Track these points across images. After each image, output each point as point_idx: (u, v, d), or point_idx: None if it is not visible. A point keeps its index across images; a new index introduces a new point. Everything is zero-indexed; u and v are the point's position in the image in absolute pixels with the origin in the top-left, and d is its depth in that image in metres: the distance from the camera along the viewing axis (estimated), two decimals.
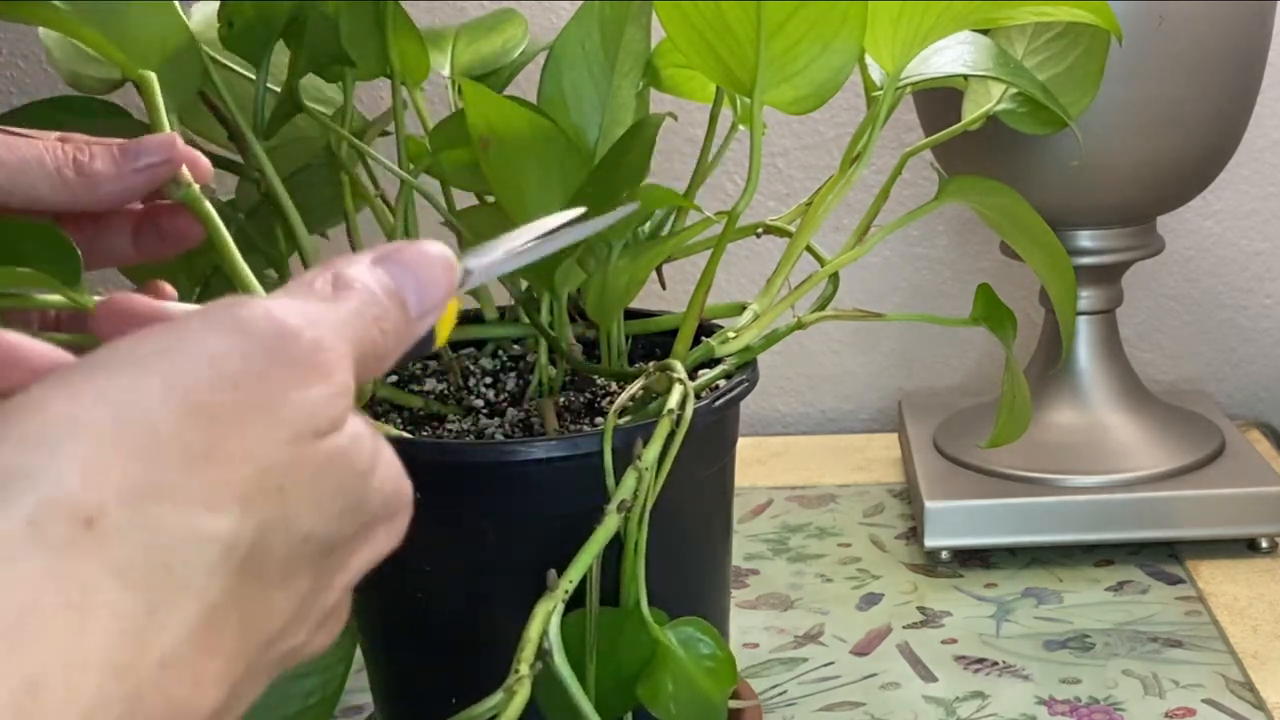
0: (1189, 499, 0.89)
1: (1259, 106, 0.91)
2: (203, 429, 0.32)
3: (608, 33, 0.68)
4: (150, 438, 0.31)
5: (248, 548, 0.33)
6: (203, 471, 0.32)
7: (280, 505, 0.34)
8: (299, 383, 0.34)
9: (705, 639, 0.60)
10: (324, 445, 0.35)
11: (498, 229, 0.70)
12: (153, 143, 0.51)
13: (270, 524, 0.33)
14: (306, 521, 0.35)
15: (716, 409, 0.64)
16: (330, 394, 0.35)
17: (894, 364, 1.17)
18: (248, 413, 0.33)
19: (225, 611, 0.32)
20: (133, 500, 0.31)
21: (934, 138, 0.76)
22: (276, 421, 0.34)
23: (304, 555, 0.35)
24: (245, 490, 0.33)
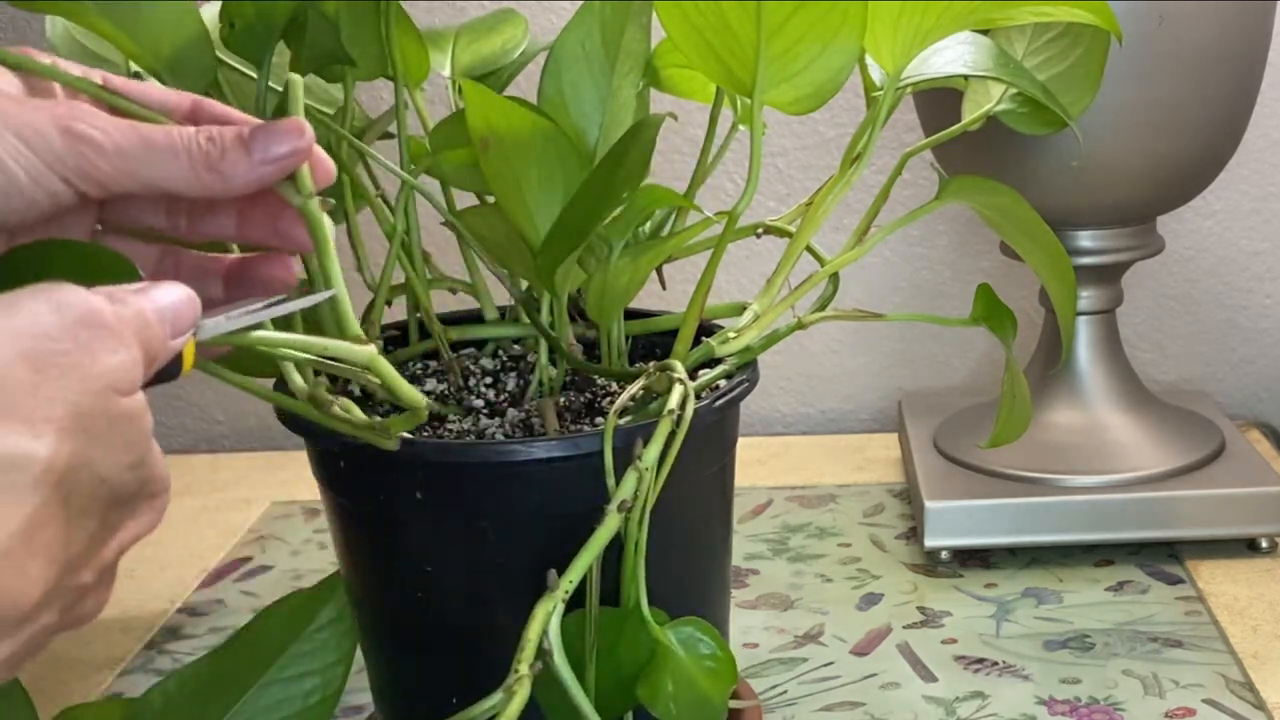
0: (1189, 499, 0.89)
1: (1259, 106, 0.91)
2: (27, 371, 0.40)
3: (608, 33, 0.68)
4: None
5: (61, 472, 0.40)
6: (27, 403, 0.40)
7: (86, 445, 0.41)
8: (105, 348, 0.42)
9: (705, 639, 0.60)
10: (123, 402, 0.42)
11: (498, 229, 0.71)
12: (281, 130, 0.50)
13: (78, 459, 0.41)
14: (105, 465, 0.42)
15: (716, 409, 0.64)
16: (129, 360, 0.43)
17: (894, 364, 1.17)
18: (64, 364, 0.41)
19: (45, 520, 0.40)
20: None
21: (934, 138, 0.76)
22: (87, 375, 0.41)
23: (98, 497, 0.42)
24: (61, 425, 0.40)
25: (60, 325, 0.41)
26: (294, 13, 0.67)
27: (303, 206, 0.52)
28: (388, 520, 0.64)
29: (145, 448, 0.43)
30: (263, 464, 1.15)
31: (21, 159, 0.47)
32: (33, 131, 0.47)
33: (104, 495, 0.43)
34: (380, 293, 0.72)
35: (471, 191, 0.74)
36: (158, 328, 0.45)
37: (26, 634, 0.42)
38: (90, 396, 0.41)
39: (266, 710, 0.64)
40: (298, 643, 0.66)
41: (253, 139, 0.50)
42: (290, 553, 0.99)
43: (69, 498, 0.41)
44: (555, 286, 0.66)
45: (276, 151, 0.50)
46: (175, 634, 0.89)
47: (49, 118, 0.48)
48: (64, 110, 0.48)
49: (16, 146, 0.47)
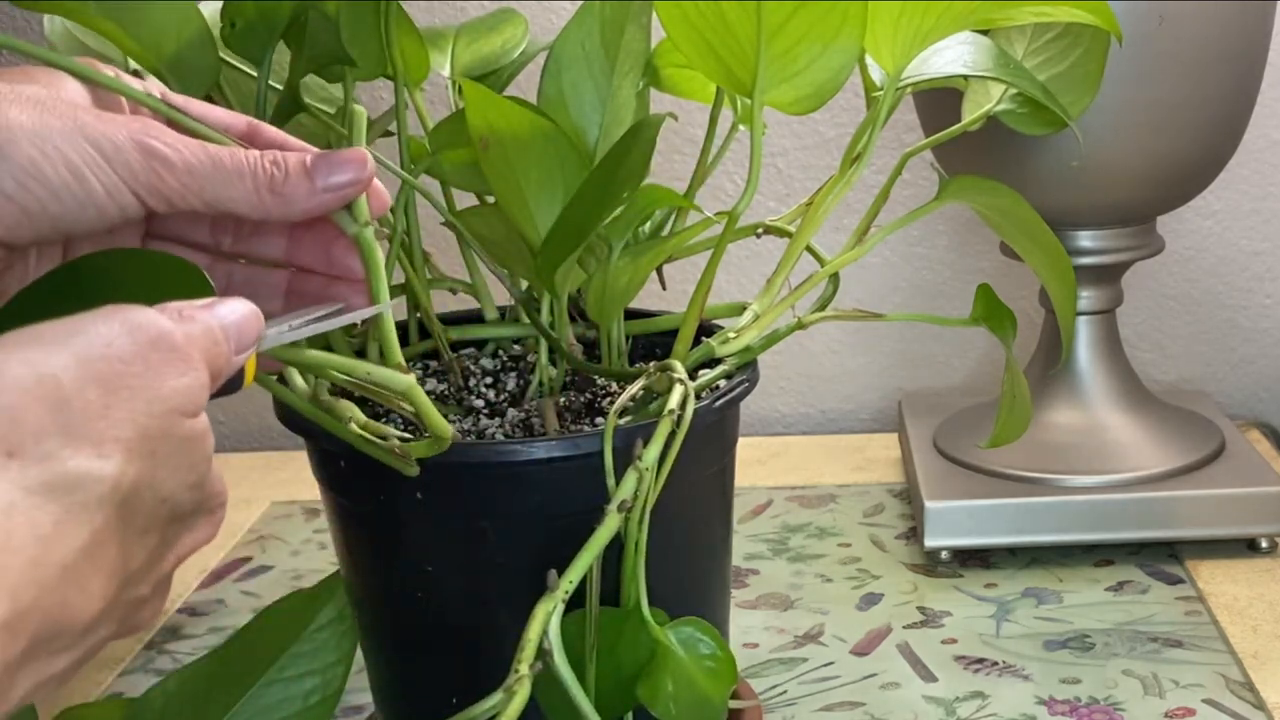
0: (1189, 499, 0.89)
1: (1259, 106, 0.91)
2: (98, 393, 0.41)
3: (608, 33, 0.68)
4: (59, 395, 0.40)
5: (125, 492, 0.41)
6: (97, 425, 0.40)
7: (152, 466, 0.42)
8: (174, 371, 0.43)
9: (705, 639, 0.60)
10: (188, 424, 0.43)
11: (498, 229, 0.71)
12: (344, 159, 0.51)
13: (143, 479, 0.42)
14: (168, 485, 0.43)
15: (717, 409, 0.64)
16: (196, 384, 0.43)
17: (894, 364, 1.17)
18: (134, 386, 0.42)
19: (107, 539, 0.41)
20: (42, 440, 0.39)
21: (934, 138, 0.76)
22: (155, 398, 0.42)
23: (159, 515, 0.43)
24: (128, 446, 0.41)
25: (132, 348, 0.42)
26: (295, 12, 0.67)
27: (358, 235, 0.53)
28: (388, 520, 0.64)
29: (206, 468, 0.44)
30: (263, 464, 1.15)
31: (100, 171, 0.48)
32: (110, 144, 0.48)
33: (165, 514, 0.43)
34: None
35: (471, 191, 0.74)
36: (223, 345, 0.46)
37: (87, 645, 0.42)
38: (157, 419, 0.42)
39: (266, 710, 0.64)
40: (298, 643, 0.66)
41: (315, 167, 0.51)
42: (290, 553, 0.99)
43: (131, 517, 0.42)
44: (555, 286, 0.66)
45: (338, 180, 0.51)
46: (175, 634, 0.89)
47: (125, 132, 0.49)
48: (139, 125, 0.49)
49: (95, 158, 0.48)
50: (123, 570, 0.42)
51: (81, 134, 0.48)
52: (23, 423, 0.39)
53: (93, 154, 0.48)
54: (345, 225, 0.53)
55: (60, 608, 0.40)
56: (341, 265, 0.54)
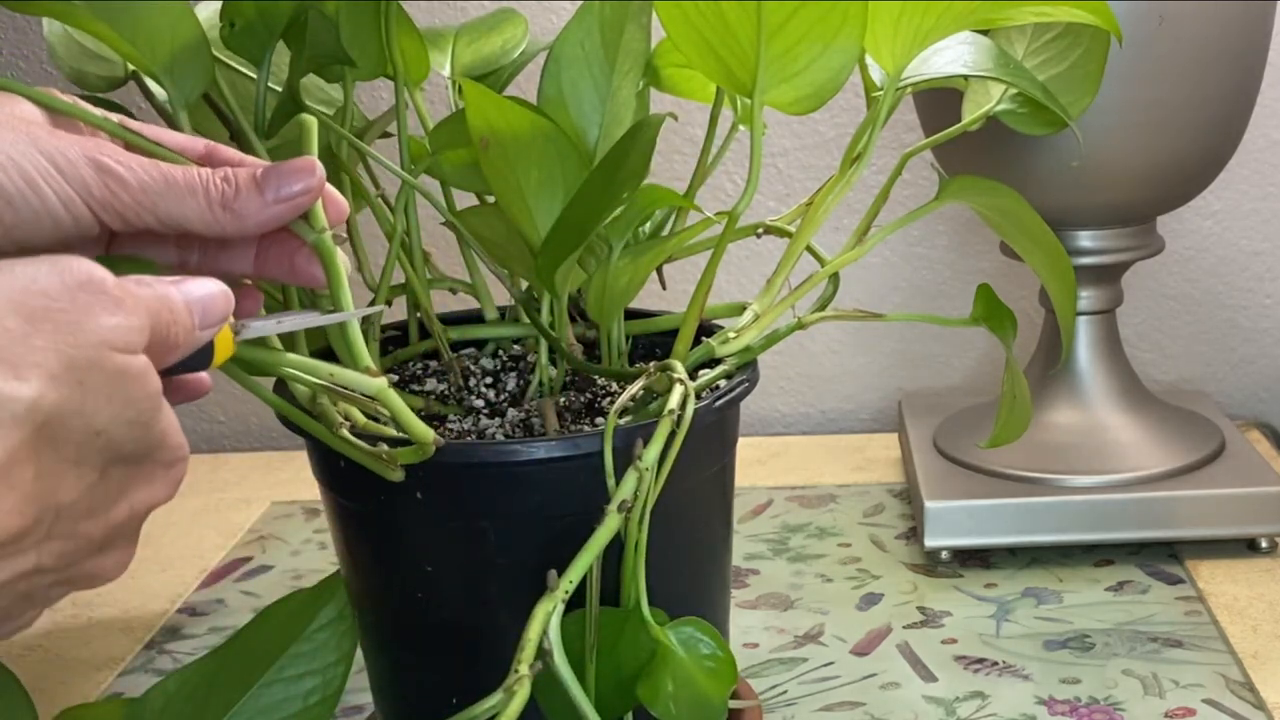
0: (1189, 499, 0.89)
1: (1259, 106, 0.91)
2: (19, 323, 0.41)
3: (608, 33, 0.68)
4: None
5: (46, 416, 0.42)
6: (15, 350, 0.41)
7: (79, 395, 0.42)
8: (102, 309, 0.43)
9: (705, 639, 0.60)
10: (121, 358, 0.43)
11: (498, 229, 0.71)
12: (292, 170, 0.52)
13: (68, 406, 0.42)
14: (100, 417, 0.43)
15: (717, 409, 0.64)
16: (128, 325, 0.44)
17: (894, 364, 1.17)
18: (59, 320, 0.42)
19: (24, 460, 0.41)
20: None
21: (934, 138, 0.76)
22: (81, 330, 0.42)
23: (95, 448, 0.43)
24: (50, 372, 0.42)
25: (59, 286, 0.43)
26: (294, 13, 0.67)
27: (316, 242, 0.54)
28: (388, 520, 0.64)
29: (149, 407, 0.44)
30: (263, 464, 1.15)
31: (53, 182, 0.49)
32: (64, 158, 0.49)
33: (102, 448, 0.44)
34: (380, 293, 0.72)
35: (471, 191, 0.74)
36: (184, 315, 0.46)
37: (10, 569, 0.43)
38: (85, 350, 0.42)
39: (266, 710, 0.64)
40: (298, 643, 0.66)
41: (265, 179, 0.52)
42: (290, 553, 0.99)
43: (57, 442, 0.42)
44: (555, 286, 0.66)
45: (289, 190, 0.52)
46: (175, 634, 0.89)
47: (79, 148, 0.50)
48: (92, 144, 0.50)
49: (48, 170, 0.49)
50: (49, 497, 0.43)
51: (35, 146, 0.49)
52: None
53: (46, 165, 0.49)
54: (304, 233, 0.54)
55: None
56: (305, 274, 0.55)
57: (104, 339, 0.43)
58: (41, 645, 0.88)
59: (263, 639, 0.66)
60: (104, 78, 0.74)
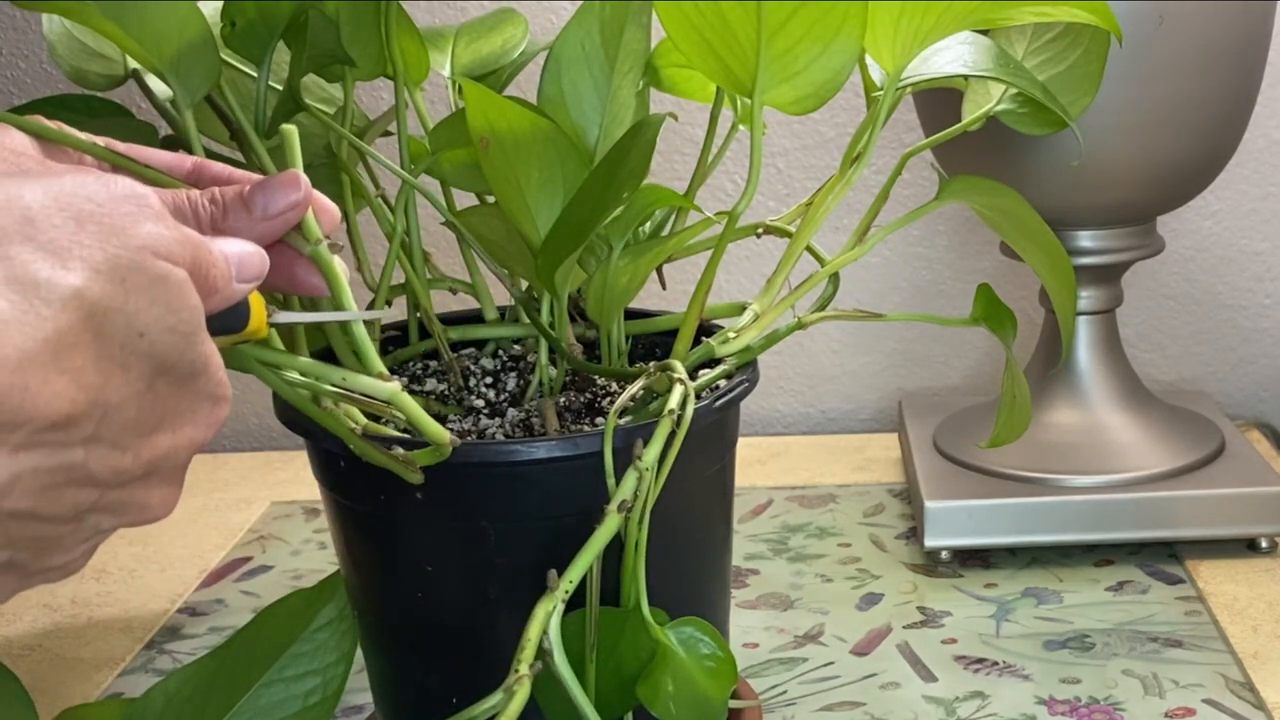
0: (1189, 499, 0.89)
1: (1259, 106, 0.91)
2: (65, 220, 0.42)
3: (608, 33, 0.68)
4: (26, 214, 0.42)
5: (92, 305, 0.42)
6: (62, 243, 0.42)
7: (123, 291, 0.43)
8: (146, 217, 0.44)
9: (705, 639, 0.60)
10: (162, 264, 0.44)
11: (498, 229, 0.71)
12: (278, 185, 0.52)
13: (112, 302, 0.43)
14: (143, 318, 0.43)
15: (717, 409, 0.64)
16: (170, 235, 0.44)
17: (894, 364, 1.17)
18: (104, 222, 0.43)
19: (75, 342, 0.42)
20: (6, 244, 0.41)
21: (934, 138, 0.76)
22: (125, 233, 0.43)
23: (139, 351, 0.44)
24: (95, 266, 0.42)
25: (106, 194, 0.44)
26: (295, 12, 0.67)
27: (313, 253, 0.54)
28: (388, 520, 0.64)
29: (191, 319, 0.45)
30: (263, 464, 1.15)
31: None
32: None
33: (146, 351, 0.44)
34: (380, 293, 0.72)
35: (471, 191, 0.74)
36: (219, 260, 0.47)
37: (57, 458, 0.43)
38: (128, 252, 0.43)
39: (266, 710, 0.64)
40: (298, 643, 0.66)
41: (251, 196, 0.52)
42: (290, 553, 0.99)
43: (103, 337, 0.43)
44: (555, 286, 0.66)
45: (276, 206, 0.52)
46: (175, 634, 0.89)
47: None
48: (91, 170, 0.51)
49: None
50: (95, 388, 0.43)
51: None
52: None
53: None
54: (299, 245, 0.54)
55: (21, 390, 0.41)
56: (306, 285, 0.55)
57: (146, 244, 0.44)
58: (41, 645, 0.88)
59: (263, 639, 0.66)
60: (104, 76, 0.74)
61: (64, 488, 0.44)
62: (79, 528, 0.46)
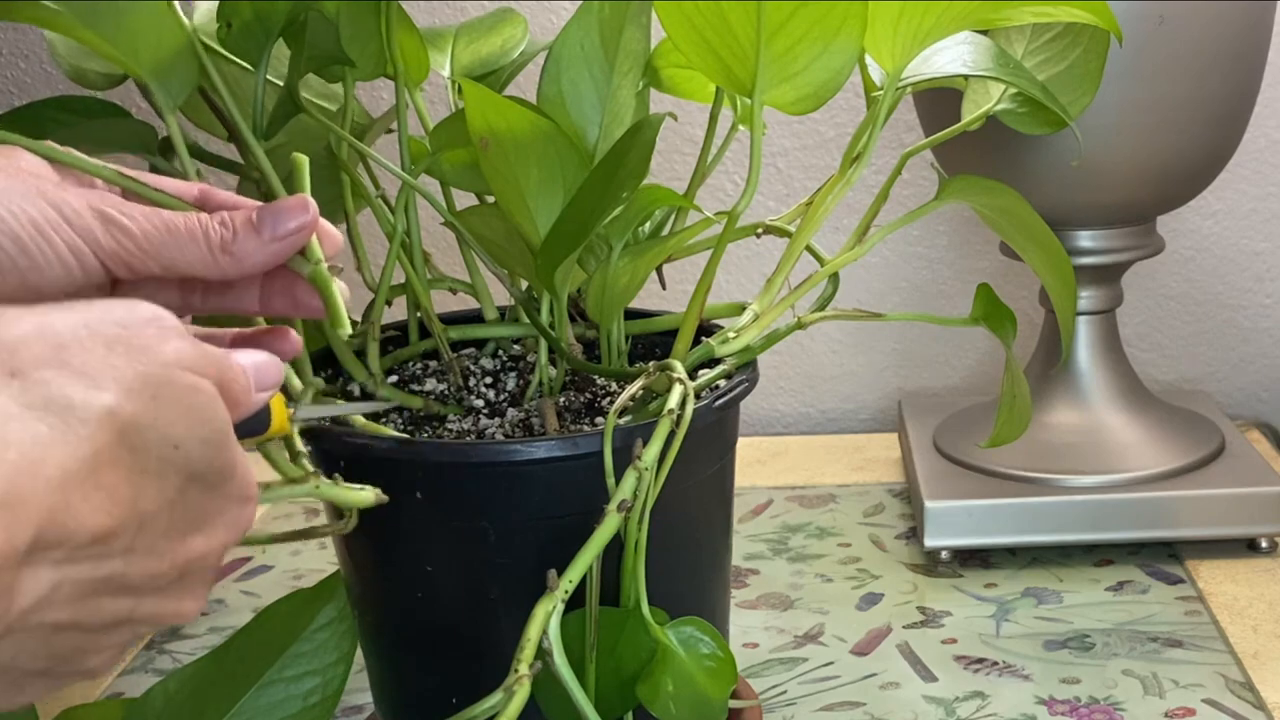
0: (1189, 499, 0.89)
1: (1259, 106, 0.91)
2: (96, 346, 0.44)
3: (607, 33, 0.68)
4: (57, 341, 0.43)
5: (126, 422, 0.43)
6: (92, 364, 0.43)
7: (154, 407, 0.44)
8: (171, 336, 0.45)
9: (705, 638, 0.60)
10: (191, 377, 0.45)
11: (498, 229, 0.71)
12: (286, 209, 0.53)
13: (144, 417, 0.44)
14: (176, 430, 0.44)
15: (716, 409, 0.64)
16: (197, 354, 0.46)
17: (894, 364, 1.17)
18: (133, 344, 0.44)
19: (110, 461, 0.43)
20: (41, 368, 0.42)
21: (934, 138, 0.76)
22: (152, 351, 0.45)
23: (173, 462, 0.44)
24: (126, 385, 0.43)
25: (130, 316, 0.45)
26: (292, 13, 0.67)
27: (313, 274, 0.55)
28: (388, 520, 0.64)
29: (221, 429, 0.46)
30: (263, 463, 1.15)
31: (62, 231, 0.51)
32: (70, 209, 0.51)
33: (179, 462, 0.45)
34: (380, 293, 0.72)
35: (471, 191, 0.74)
36: (240, 376, 0.49)
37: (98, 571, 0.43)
38: (157, 368, 0.44)
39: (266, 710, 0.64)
40: (298, 643, 0.66)
41: (261, 220, 0.53)
42: (290, 553, 0.99)
43: (137, 452, 0.44)
44: (555, 286, 0.66)
45: (285, 229, 0.53)
46: (175, 634, 0.89)
47: (83, 200, 0.51)
48: (95, 196, 0.52)
49: (57, 220, 0.51)
50: (132, 502, 0.43)
51: (43, 197, 0.51)
52: (21, 353, 0.42)
53: (55, 215, 0.51)
54: (299, 267, 0.55)
55: (64, 508, 0.41)
56: (307, 306, 0.56)
57: (174, 359, 0.45)
58: None
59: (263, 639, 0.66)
60: (104, 75, 0.74)
61: (102, 597, 0.44)
62: (114, 634, 0.46)
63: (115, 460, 0.43)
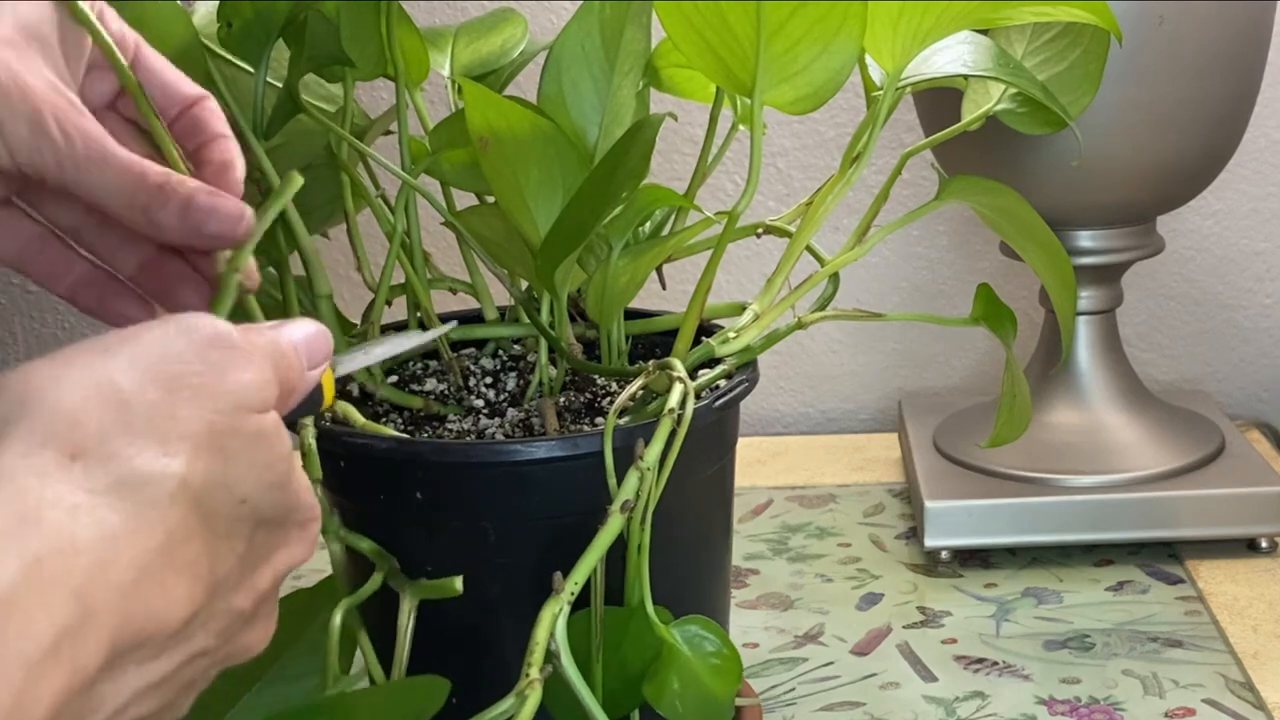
0: (1189, 499, 0.89)
1: (1259, 106, 0.91)
2: (159, 393, 0.41)
3: (608, 33, 0.68)
4: (119, 397, 0.40)
5: (198, 489, 0.41)
6: (161, 424, 0.40)
7: (223, 462, 0.42)
8: (235, 366, 0.43)
9: (710, 637, 0.60)
10: (256, 420, 0.43)
11: (498, 229, 0.71)
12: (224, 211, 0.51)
13: (214, 477, 0.41)
14: (245, 484, 0.42)
15: (716, 409, 0.64)
16: (260, 381, 0.43)
17: (894, 364, 1.17)
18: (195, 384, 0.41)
19: (186, 537, 0.40)
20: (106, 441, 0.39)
21: (934, 138, 0.76)
22: (218, 393, 0.42)
23: (241, 518, 0.42)
24: (195, 442, 0.41)
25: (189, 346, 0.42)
26: (292, 13, 0.67)
27: (223, 277, 0.53)
28: (388, 520, 0.64)
29: (285, 469, 0.44)
30: None
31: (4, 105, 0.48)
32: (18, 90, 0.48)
33: (248, 516, 0.43)
34: (380, 293, 0.72)
35: (471, 191, 0.74)
36: (294, 358, 0.46)
37: (181, 655, 0.42)
38: (224, 415, 0.42)
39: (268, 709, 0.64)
40: (298, 643, 0.66)
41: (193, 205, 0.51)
42: None
43: (209, 517, 0.41)
44: (555, 286, 0.66)
45: (209, 228, 0.51)
46: None
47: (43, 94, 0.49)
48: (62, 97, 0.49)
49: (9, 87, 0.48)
50: (209, 574, 0.41)
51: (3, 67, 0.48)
52: (84, 425, 0.39)
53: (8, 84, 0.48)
54: (218, 260, 0.53)
55: (143, 613, 0.39)
56: (180, 304, 0.54)
57: (240, 400, 0.42)
58: None
59: None
60: None
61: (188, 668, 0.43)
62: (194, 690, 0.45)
63: (189, 534, 0.40)
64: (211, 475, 0.41)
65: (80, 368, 0.40)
